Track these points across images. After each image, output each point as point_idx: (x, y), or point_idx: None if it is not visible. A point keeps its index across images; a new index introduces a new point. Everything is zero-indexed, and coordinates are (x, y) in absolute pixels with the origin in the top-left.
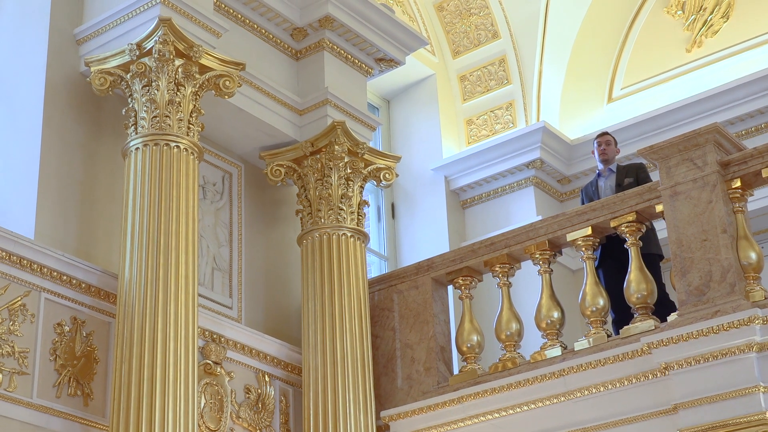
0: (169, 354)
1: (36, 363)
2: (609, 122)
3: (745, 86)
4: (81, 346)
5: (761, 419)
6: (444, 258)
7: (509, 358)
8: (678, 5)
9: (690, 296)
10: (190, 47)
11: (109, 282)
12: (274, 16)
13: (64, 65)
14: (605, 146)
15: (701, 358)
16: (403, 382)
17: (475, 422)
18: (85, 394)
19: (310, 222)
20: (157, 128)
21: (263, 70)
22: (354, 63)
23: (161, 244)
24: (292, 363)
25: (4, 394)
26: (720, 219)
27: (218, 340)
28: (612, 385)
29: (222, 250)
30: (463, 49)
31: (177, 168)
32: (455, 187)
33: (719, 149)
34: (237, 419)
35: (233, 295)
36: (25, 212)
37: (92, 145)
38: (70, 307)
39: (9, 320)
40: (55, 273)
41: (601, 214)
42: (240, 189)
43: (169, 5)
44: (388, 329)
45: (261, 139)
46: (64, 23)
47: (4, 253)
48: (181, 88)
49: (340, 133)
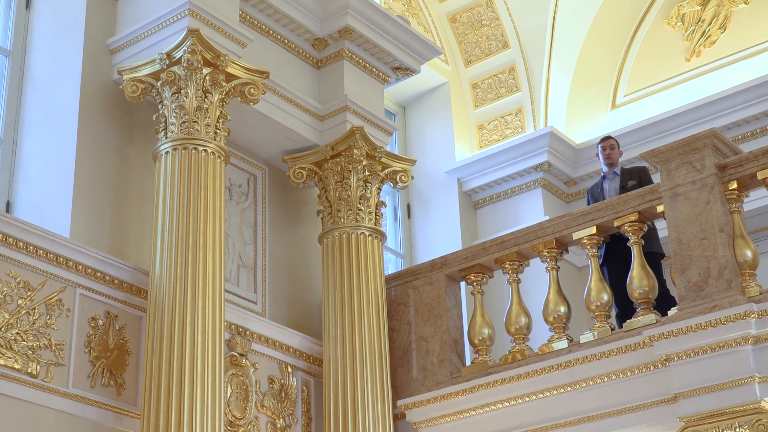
0: (197, 346)
1: (71, 355)
2: (613, 127)
3: (742, 93)
4: (114, 338)
5: (757, 408)
6: (457, 256)
7: (518, 350)
8: (678, 17)
9: (689, 292)
10: (217, 56)
11: (141, 278)
12: (297, 27)
13: (98, 74)
14: (609, 150)
15: (700, 350)
16: (418, 372)
17: (486, 411)
18: (118, 384)
19: (331, 221)
20: (185, 133)
21: (286, 78)
22: (372, 71)
23: (190, 242)
24: (313, 355)
25: (42, 384)
26: (717, 219)
27: (243, 333)
28: (615, 376)
29: (247, 248)
30: (474, 58)
31: (205, 171)
32: (467, 188)
33: (717, 153)
34: (261, 408)
35: (258, 291)
36: (62, 212)
37: (125, 149)
38: (104, 302)
39: (46, 314)
40: (90, 270)
41: (605, 215)
42: (264, 190)
43: (198, 17)
44: (404, 323)
45: (284, 143)
46: (99, 34)
47: (41, 251)
48: (209, 95)
49: (358, 137)
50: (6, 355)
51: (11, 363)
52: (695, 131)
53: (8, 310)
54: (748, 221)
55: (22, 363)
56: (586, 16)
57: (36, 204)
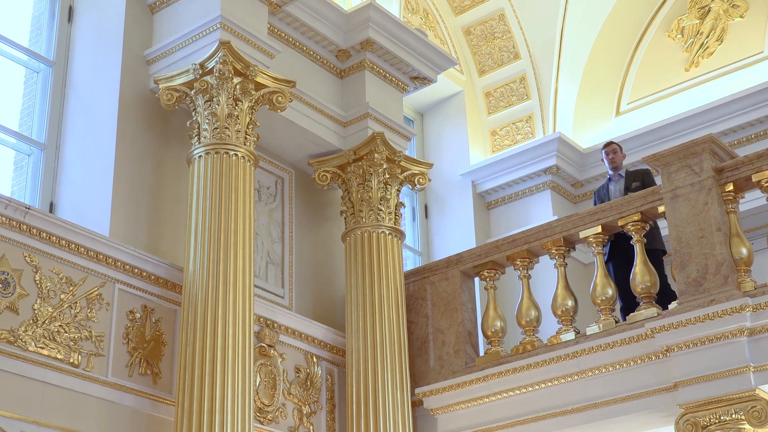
0: (228, 338)
1: (111, 346)
2: (617, 133)
3: (737, 101)
4: (150, 331)
5: (752, 395)
6: (471, 253)
7: (529, 342)
8: (678, 30)
9: (688, 287)
10: (247, 67)
11: (175, 274)
12: (321, 39)
13: (136, 83)
14: (613, 155)
15: (698, 342)
16: (435, 362)
17: (499, 398)
18: (154, 373)
19: (353, 221)
20: (217, 138)
21: (311, 87)
22: (392, 81)
23: (221, 240)
24: (336, 346)
25: (83, 373)
26: (715, 219)
27: (271, 325)
28: (620, 365)
29: (275, 246)
30: (488, 68)
31: (235, 173)
32: (481, 190)
33: (714, 157)
34: (288, 395)
35: (285, 286)
36: (101, 212)
37: (160, 153)
38: (141, 296)
39: (87, 308)
40: (128, 266)
41: (610, 214)
42: (291, 192)
43: (229, 30)
44: (421, 316)
45: (309, 148)
46: (136, 46)
47: (82, 248)
48: (239, 103)
49: (379, 142)
50: (50, 346)
51: (55, 353)
52: (694, 137)
53: (52, 304)
54: (743, 221)
55: (64, 353)
56: (592, 29)
57: (77, 205)
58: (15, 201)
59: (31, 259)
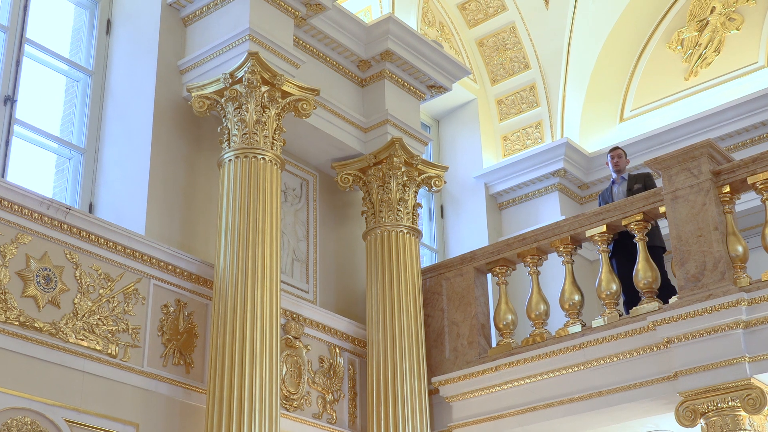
0: (256, 330)
1: (146, 338)
2: (621, 138)
3: (734, 108)
4: (183, 323)
5: (747, 384)
6: (484, 251)
7: (538, 334)
8: (678, 41)
9: (688, 282)
10: (274, 76)
11: (207, 271)
12: (344, 50)
13: (170, 91)
14: (617, 159)
15: (697, 334)
16: (450, 353)
17: (510, 387)
18: (187, 363)
19: (373, 221)
20: (246, 143)
21: (334, 95)
22: (409, 89)
23: (250, 239)
24: (358, 338)
25: (120, 363)
26: (712, 218)
27: (297, 318)
28: (623, 356)
29: (300, 244)
30: (499, 77)
31: (263, 176)
32: (493, 192)
33: (712, 161)
34: (313, 384)
35: (309, 281)
36: (137, 213)
37: (193, 157)
38: (175, 291)
39: (124, 302)
40: (162, 263)
41: (614, 215)
42: (315, 193)
43: (257, 41)
44: (437, 309)
45: (332, 152)
46: (170, 56)
47: (119, 246)
48: (266, 110)
49: (398, 147)
50: (89, 338)
51: (94, 345)
52: (693, 141)
53: (91, 298)
54: (739, 220)
55: (103, 345)
56: (598, 41)
57: (115, 205)
58: (56, 202)
59: (71, 256)
